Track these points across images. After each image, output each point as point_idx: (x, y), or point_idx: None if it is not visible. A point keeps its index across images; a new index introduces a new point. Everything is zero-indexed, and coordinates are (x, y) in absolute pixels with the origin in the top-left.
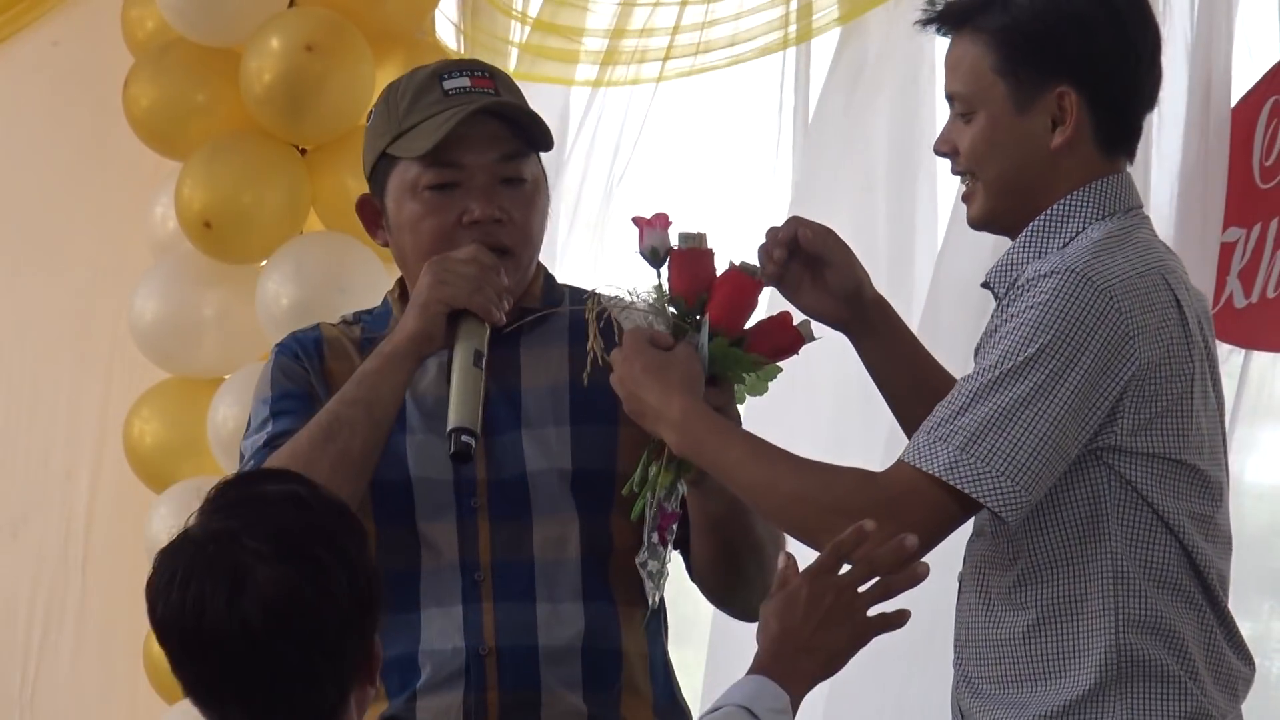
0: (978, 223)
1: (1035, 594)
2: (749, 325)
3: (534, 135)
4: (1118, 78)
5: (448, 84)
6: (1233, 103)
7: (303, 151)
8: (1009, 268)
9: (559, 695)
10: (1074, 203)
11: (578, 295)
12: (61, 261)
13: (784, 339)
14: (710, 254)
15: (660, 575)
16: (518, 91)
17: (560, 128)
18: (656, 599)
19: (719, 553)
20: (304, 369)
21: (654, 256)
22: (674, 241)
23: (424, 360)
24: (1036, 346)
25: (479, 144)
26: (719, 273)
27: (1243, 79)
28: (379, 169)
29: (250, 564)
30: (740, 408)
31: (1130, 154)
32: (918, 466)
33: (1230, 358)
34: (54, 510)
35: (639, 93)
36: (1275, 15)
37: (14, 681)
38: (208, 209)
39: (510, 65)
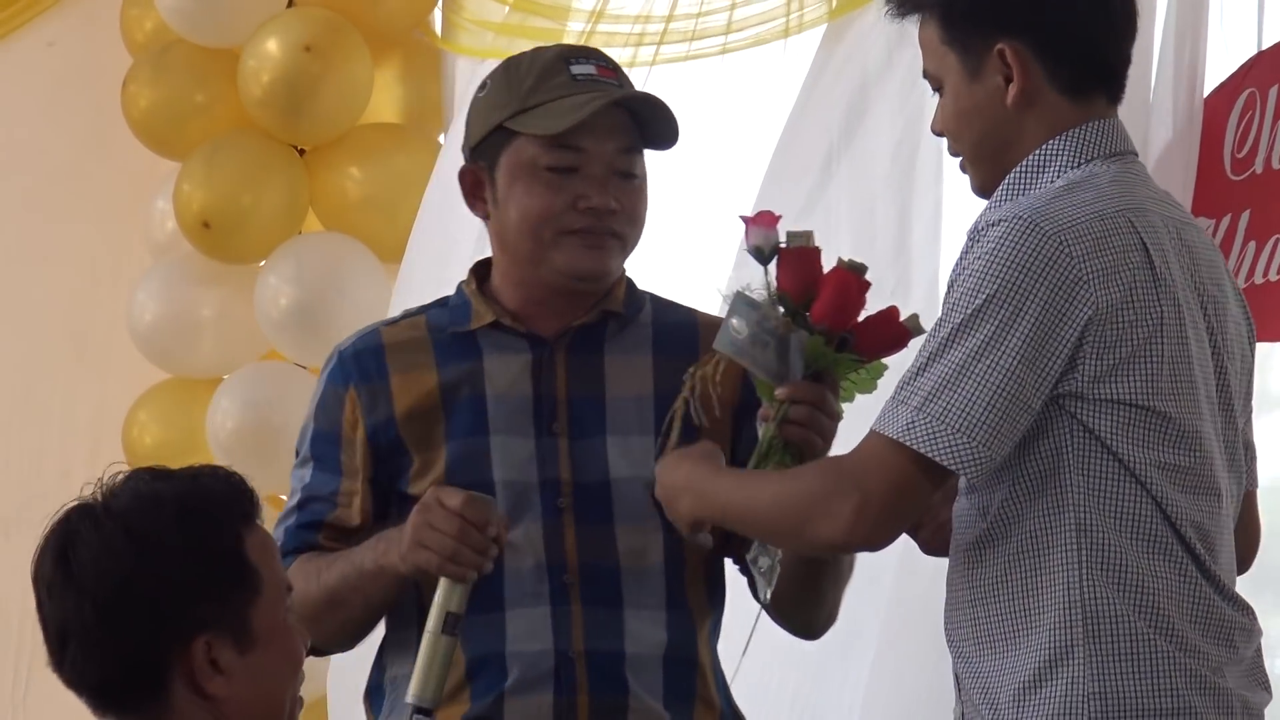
0: (979, 194)
1: (1000, 550)
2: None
3: (659, 132)
4: (1057, 20)
5: (575, 69)
6: (1205, 92)
7: (301, 152)
8: (984, 223)
9: (645, 702)
10: (1048, 152)
11: (659, 302)
12: (60, 261)
13: (890, 334)
14: (817, 252)
15: (772, 571)
16: (629, 82)
17: None
18: (768, 595)
19: (796, 564)
20: (344, 405)
21: (760, 254)
22: (781, 239)
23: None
24: (983, 298)
25: (602, 133)
26: (825, 270)
27: (1219, 71)
28: (491, 141)
29: (78, 525)
30: (847, 406)
31: (1112, 93)
32: (880, 432)
33: None
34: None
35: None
36: (1254, 8)
37: (6, 681)
38: (206, 209)
39: (488, 45)
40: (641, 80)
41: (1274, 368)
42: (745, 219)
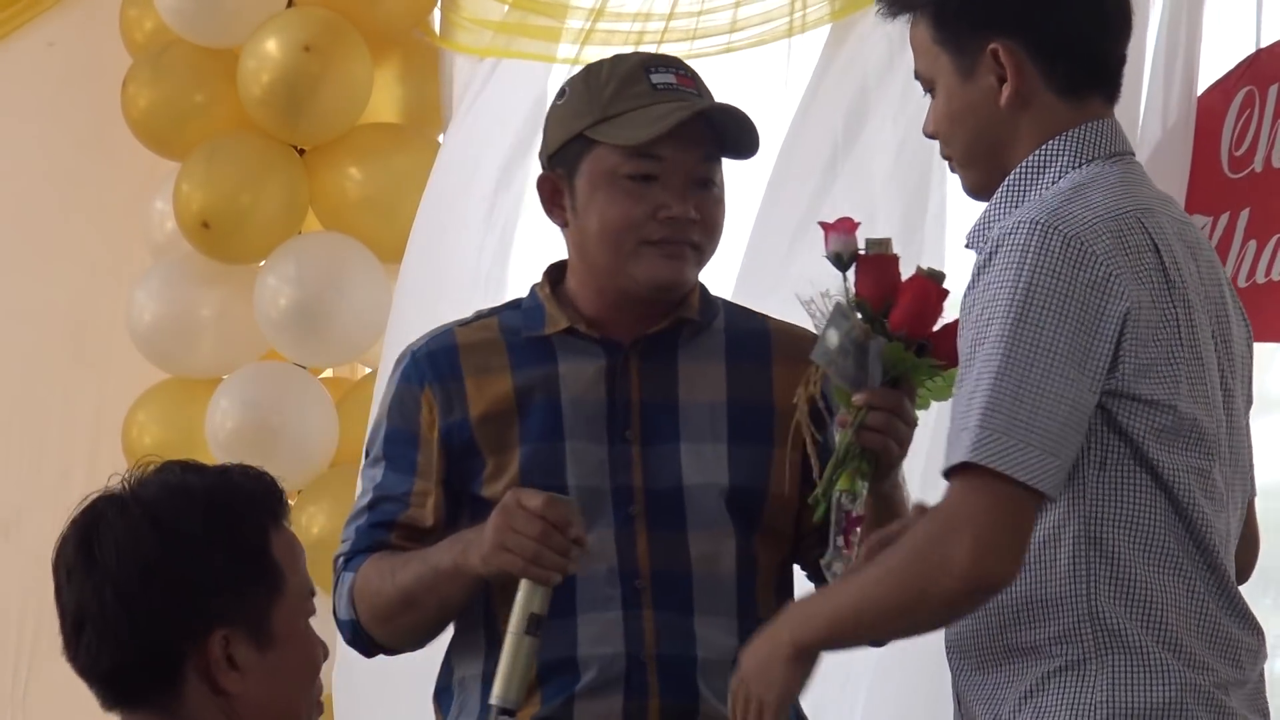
0: (971, 195)
1: None
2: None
3: (739, 142)
4: (1051, 18)
5: (655, 78)
6: (1200, 89)
7: (301, 152)
8: (985, 226)
9: (715, 708)
10: (1047, 153)
11: (732, 309)
12: (59, 261)
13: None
14: (895, 259)
15: (834, 570)
16: (708, 92)
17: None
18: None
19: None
20: (420, 403)
21: (839, 260)
22: (860, 246)
23: None
24: (1019, 307)
25: (683, 142)
26: (904, 278)
27: (1217, 67)
28: (570, 149)
29: (105, 512)
30: (922, 414)
31: (1108, 93)
32: (950, 465)
33: None
34: (48, 510)
35: None
36: (1253, 6)
37: (6, 681)
38: (206, 209)
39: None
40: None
41: (1274, 368)
42: (824, 225)
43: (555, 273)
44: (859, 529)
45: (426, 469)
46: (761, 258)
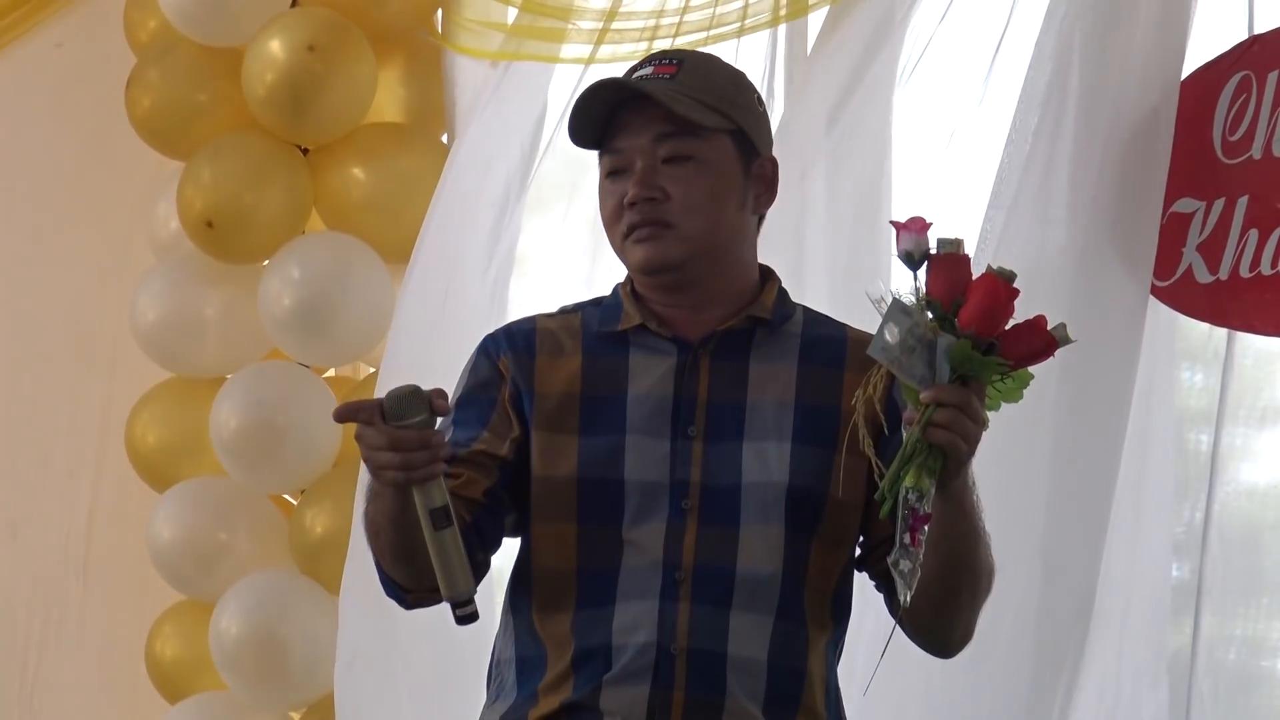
0: None
1: None
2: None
3: (690, 118)
4: None
5: (638, 73)
6: (1186, 72)
7: (305, 151)
8: None
9: (742, 706)
10: None
11: (810, 314)
12: (64, 261)
13: (1038, 343)
14: (967, 259)
15: (913, 575)
16: (706, 73)
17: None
18: (908, 598)
19: (938, 569)
20: (497, 369)
21: (911, 259)
22: (932, 245)
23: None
24: None
25: (635, 129)
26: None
27: (1206, 53)
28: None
29: None
30: (992, 414)
31: None
32: None
33: (1211, 339)
34: (55, 510)
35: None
36: None
37: (14, 681)
38: (210, 209)
39: (494, 48)
40: None
41: (1278, 378)
42: (896, 224)
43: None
44: (926, 527)
45: (501, 427)
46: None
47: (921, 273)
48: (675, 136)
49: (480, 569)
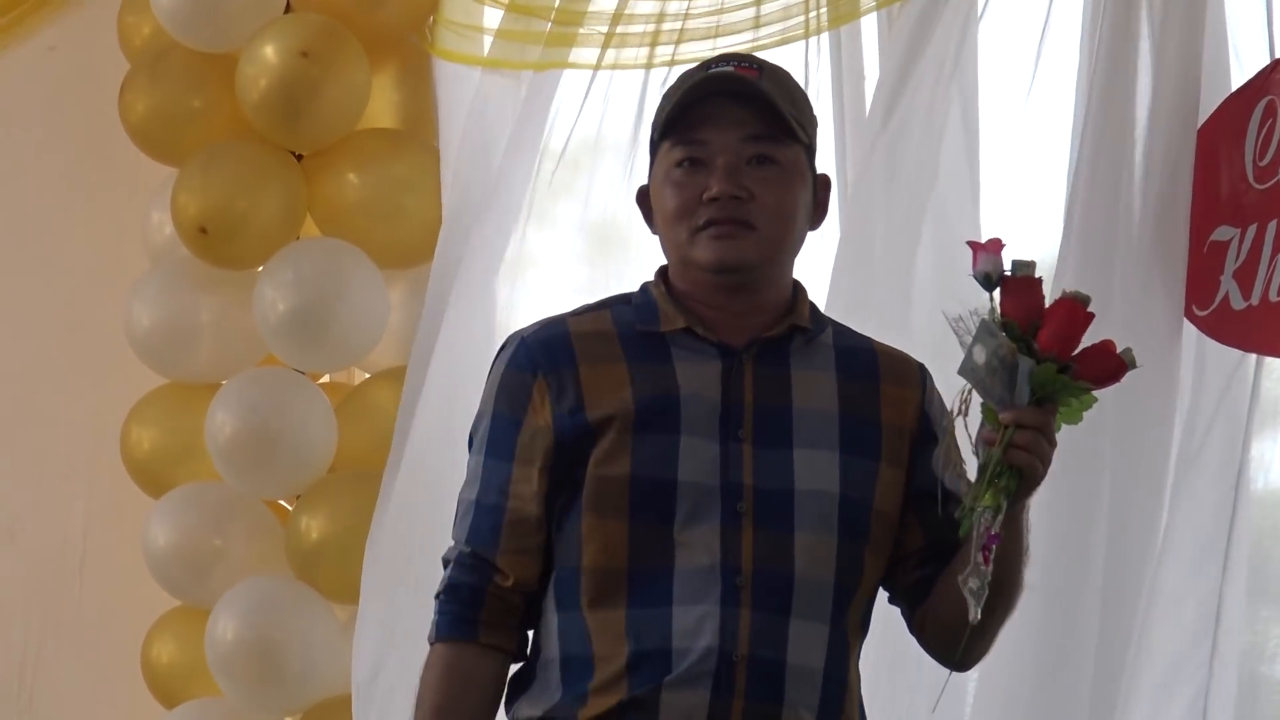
0: None
1: None
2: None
3: (787, 124)
4: None
5: (713, 70)
6: (1214, 100)
7: (299, 157)
8: None
9: (799, 715)
10: None
11: (836, 325)
12: (57, 267)
13: (1109, 366)
14: (1040, 282)
15: (982, 593)
16: (786, 85)
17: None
18: (977, 614)
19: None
20: (529, 386)
21: (988, 281)
22: (1006, 266)
23: None
24: None
25: (725, 123)
26: (1047, 300)
27: (1228, 80)
28: (651, 159)
29: None
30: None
31: None
32: None
33: (1241, 366)
34: (52, 514)
35: (636, 80)
36: (1262, 16)
37: (12, 684)
38: (204, 215)
39: (483, 52)
40: (662, 80)
41: (1275, 377)
42: (974, 244)
43: (666, 272)
44: (994, 546)
45: (529, 455)
46: None
47: (997, 294)
48: (765, 139)
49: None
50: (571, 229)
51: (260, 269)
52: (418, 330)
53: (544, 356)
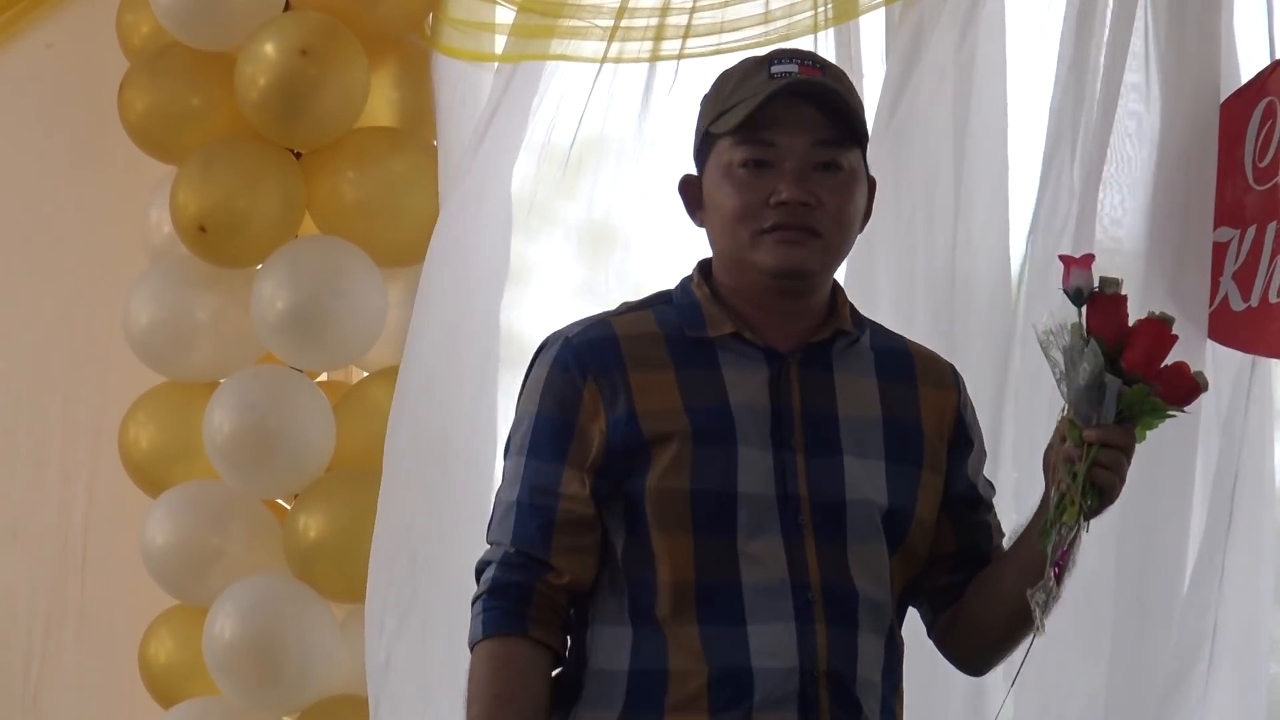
0: None
1: None
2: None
3: (853, 126)
4: None
5: (775, 69)
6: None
7: (297, 155)
8: None
9: None
10: None
11: (873, 325)
12: (56, 265)
13: (1185, 388)
14: (1125, 299)
15: (1049, 605)
16: (848, 85)
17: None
18: (1043, 628)
19: (1015, 609)
20: (578, 390)
21: (1080, 296)
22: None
23: None
24: None
25: (794, 127)
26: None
27: (1231, 80)
28: (701, 149)
29: None
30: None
31: None
32: None
33: (1242, 367)
34: (52, 513)
35: (640, 71)
36: (1264, 16)
37: (17, 682)
38: (202, 213)
39: (494, 48)
40: (670, 76)
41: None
42: (1065, 259)
43: (706, 267)
44: (1066, 563)
45: (579, 457)
46: None
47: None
48: (833, 145)
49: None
50: (571, 228)
51: (259, 267)
52: (410, 326)
53: (592, 359)
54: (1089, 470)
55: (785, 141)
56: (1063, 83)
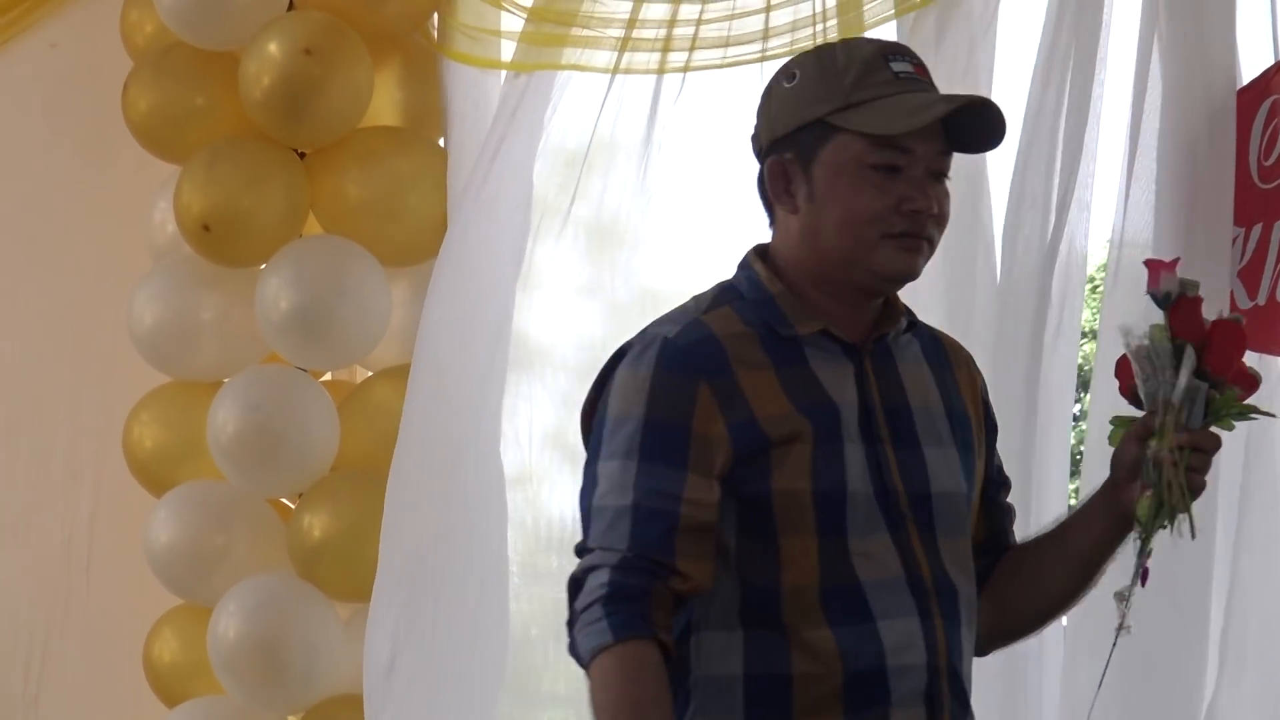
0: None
1: None
2: None
3: (989, 137)
4: None
5: (895, 66)
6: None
7: (301, 155)
8: None
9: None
10: None
11: (909, 315)
12: (60, 265)
13: (1247, 384)
14: (1201, 302)
15: (1131, 602)
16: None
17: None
18: (1128, 626)
19: (1081, 588)
20: (692, 394)
21: (1168, 299)
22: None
23: None
24: None
25: (927, 134)
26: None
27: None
28: (806, 134)
29: None
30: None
31: None
32: None
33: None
34: (57, 512)
35: (647, 84)
36: (1267, 15)
37: (18, 682)
38: (207, 212)
39: (500, 54)
40: (676, 88)
41: None
42: (1151, 263)
43: (766, 257)
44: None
45: (703, 464)
46: None
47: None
48: (948, 154)
49: None
50: (579, 229)
51: (263, 267)
52: (420, 327)
53: (702, 361)
54: (1185, 473)
55: (920, 150)
56: (1039, 84)
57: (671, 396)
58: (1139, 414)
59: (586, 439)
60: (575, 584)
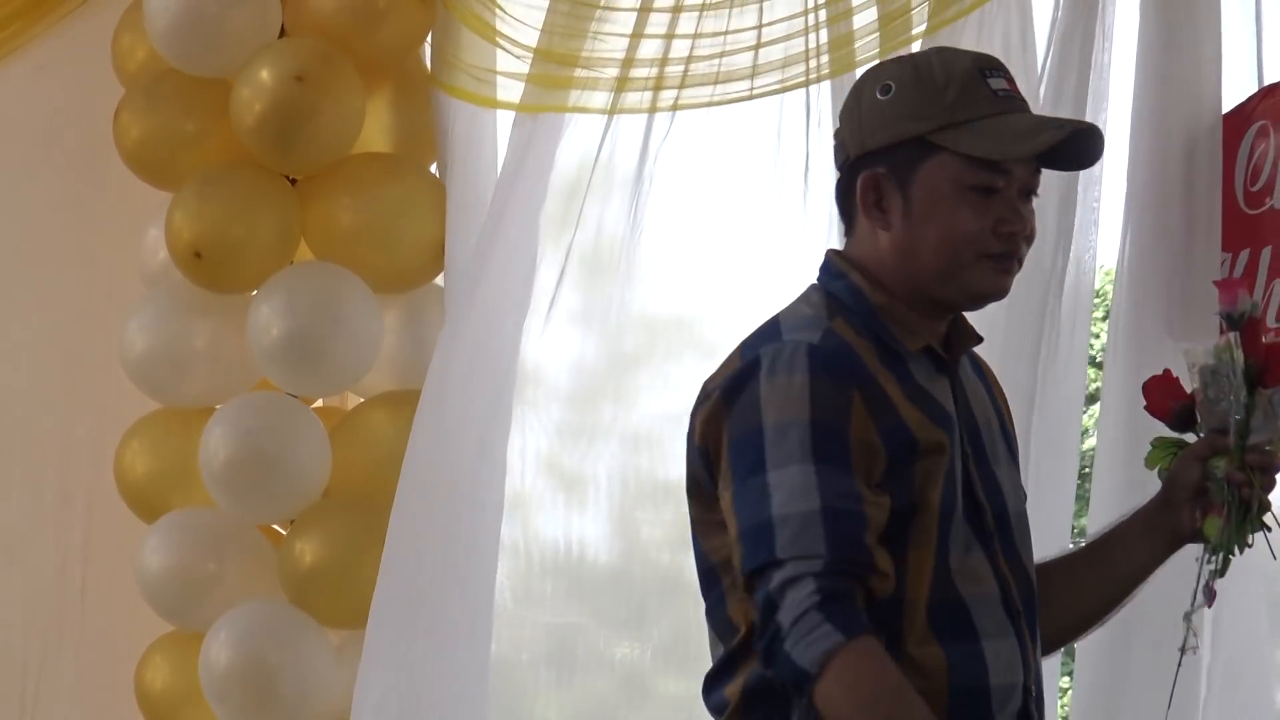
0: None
1: None
2: None
3: (1087, 158)
4: None
5: (993, 84)
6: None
7: (293, 182)
8: None
9: None
10: None
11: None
12: (52, 291)
13: None
14: (1260, 322)
15: (1194, 621)
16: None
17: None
18: (1196, 645)
19: (1120, 601)
20: (848, 399)
21: (1240, 319)
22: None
23: None
24: None
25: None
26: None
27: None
28: (904, 150)
29: None
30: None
31: None
32: None
33: None
34: (49, 537)
35: (639, 121)
36: (1251, 41)
37: (13, 706)
38: (198, 239)
39: (495, 91)
40: (666, 124)
41: None
42: (1220, 283)
43: (862, 268)
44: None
45: (864, 467)
46: None
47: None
48: (1038, 173)
49: None
50: (573, 259)
51: (254, 293)
52: (434, 356)
53: (850, 367)
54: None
55: (1018, 171)
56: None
57: (832, 401)
58: (1171, 433)
59: (710, 465)
60: (770, 603)
